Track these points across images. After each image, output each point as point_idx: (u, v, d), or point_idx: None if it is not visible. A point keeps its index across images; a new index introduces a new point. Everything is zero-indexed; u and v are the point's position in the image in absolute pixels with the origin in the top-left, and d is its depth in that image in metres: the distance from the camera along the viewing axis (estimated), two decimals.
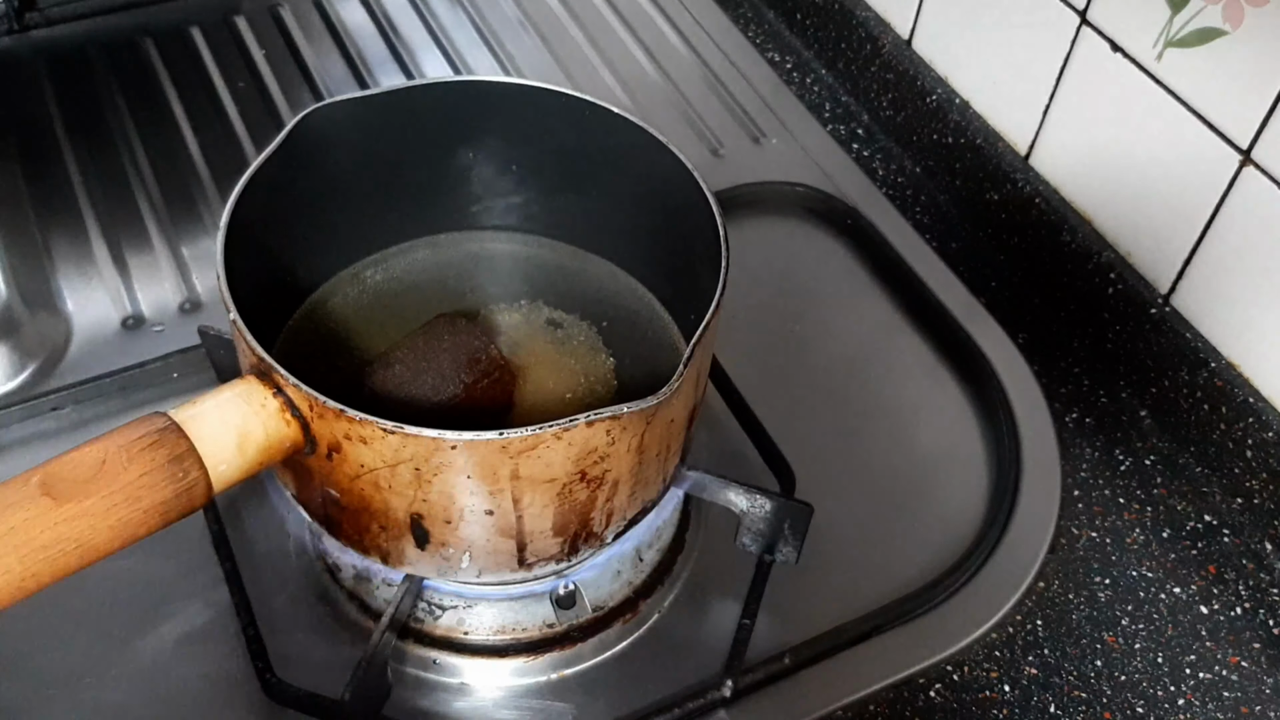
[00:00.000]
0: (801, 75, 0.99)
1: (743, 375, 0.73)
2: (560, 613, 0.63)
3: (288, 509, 0.66)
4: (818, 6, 0.98)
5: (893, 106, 0.93)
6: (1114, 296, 0.78)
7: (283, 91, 0.92)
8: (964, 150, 0.87)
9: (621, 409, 0.49)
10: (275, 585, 0.64)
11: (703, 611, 0.65)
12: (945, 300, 0.81)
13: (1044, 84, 0.80)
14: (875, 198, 0.88)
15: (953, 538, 0.70)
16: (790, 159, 0.90)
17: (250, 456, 0.49)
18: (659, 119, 0.92)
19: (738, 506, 0.63)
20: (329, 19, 0.99)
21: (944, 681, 0.63)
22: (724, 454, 0.70)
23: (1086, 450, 0.75)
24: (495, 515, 0.53)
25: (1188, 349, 0.73)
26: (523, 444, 0.49)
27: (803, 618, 0.65)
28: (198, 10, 0.98)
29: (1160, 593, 0.68)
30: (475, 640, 0.62)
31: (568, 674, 0.62)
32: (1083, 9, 0.75)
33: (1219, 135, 0.69)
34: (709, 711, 0.61)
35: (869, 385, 0.77)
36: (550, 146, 0.65)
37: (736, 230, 0.75)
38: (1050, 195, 0.82)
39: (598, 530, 0.57)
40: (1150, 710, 0.63)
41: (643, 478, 0.56)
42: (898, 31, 0.93)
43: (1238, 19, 0.65)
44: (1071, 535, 0.70)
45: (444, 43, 0.97)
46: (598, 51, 0.98)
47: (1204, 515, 0.72)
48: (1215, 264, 0.72)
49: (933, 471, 0.73)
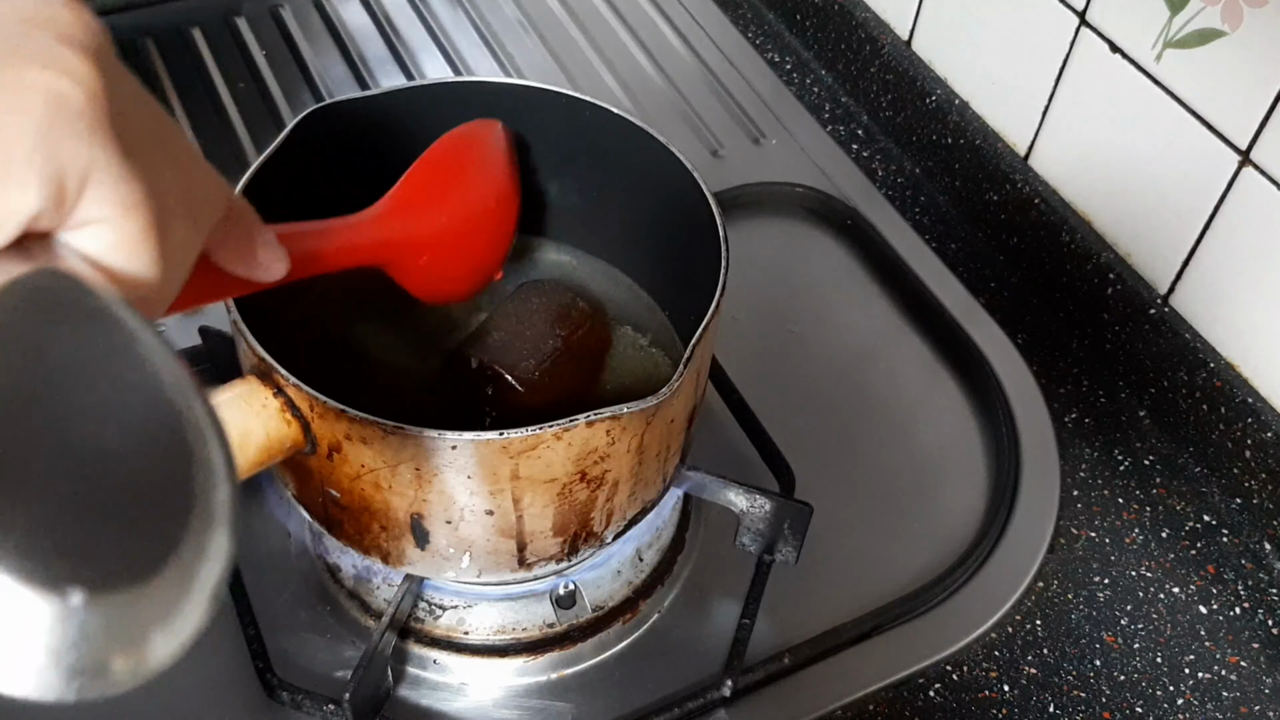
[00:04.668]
0: (801, 76, 0.99)
1: (743, 375, 0.73)
2: (560, 613, 0.63)
3: (288, 509, 0.66)
4: (818, 7, 0.98)
5: (892, 107, 0.93)
6: (1113, 297, 0.78)
7: (283, 91, 0.92)
8: (963, 151, 0.87)
9: (621, 409, 0.49)
10: (275, 585, 0.64)
11: (702, 611, 0.65)
12: (944, 300, 0.81)
13: (1043, 84, 0.80)
14: (875, 198, 0.88)
15: (952, 538, 0.70)
16: (790, 159, 0.90)
17: (250, 456, 0.49)
18: (659, 119, 0.92)
19: (737, 506, 0.63)
20: (329, 19, 0.99)
21: (943, 681, 0.63)
22: (724, 454, 0.70)
23: (1085, 450, 0.75)
24: (495, 515, 0.53)
25: (1187, 349, 0.73)
26: (523, 444, 0.49)
27: (802, 617, 0.65)
28: (198, 10, 0.98)
29: (1159, 593, 0.68)
30: (475, 640, 0.62)
31: (567, 674, 0.62)
32: (1082, 10, 0.75)
33: (1218, 136, 0.69)
34: (709, 711, 0.61)
35: (869, 385, 0.77)
36: (550, 147, 0.65)
37: (736, 230, 0.75)
38: (1049, 196, 0.82)
39: (598, 530, 0.57)
40: (1149, 710, 0.63)
41: (643, 478, 0.56)
42: (897, 32, 0.93)
43: (1237, 20, 0.65)
44: (1070, 535, 0.70)
45: (444, 43, 0.97)
46: (598, 52, 0.98)
47: (1203, 515, 0.72)
48: (1214, 264, 0.72)
49: (932, 471, 0.73)
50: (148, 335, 0.27)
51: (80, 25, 0.28)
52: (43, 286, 0.26)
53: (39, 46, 0.26)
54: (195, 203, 0.31)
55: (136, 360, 0.26)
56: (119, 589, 0.24)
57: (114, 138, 0.27)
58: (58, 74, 0.26)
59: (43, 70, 0.26)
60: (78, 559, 0.24)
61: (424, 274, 0.57)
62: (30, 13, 0.27)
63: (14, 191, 0.25)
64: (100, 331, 0.26)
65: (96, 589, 0.24)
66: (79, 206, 0.26)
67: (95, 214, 0.27)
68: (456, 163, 0.59)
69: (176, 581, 0.25)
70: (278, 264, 0.39)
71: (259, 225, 0.38)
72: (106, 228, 0.27)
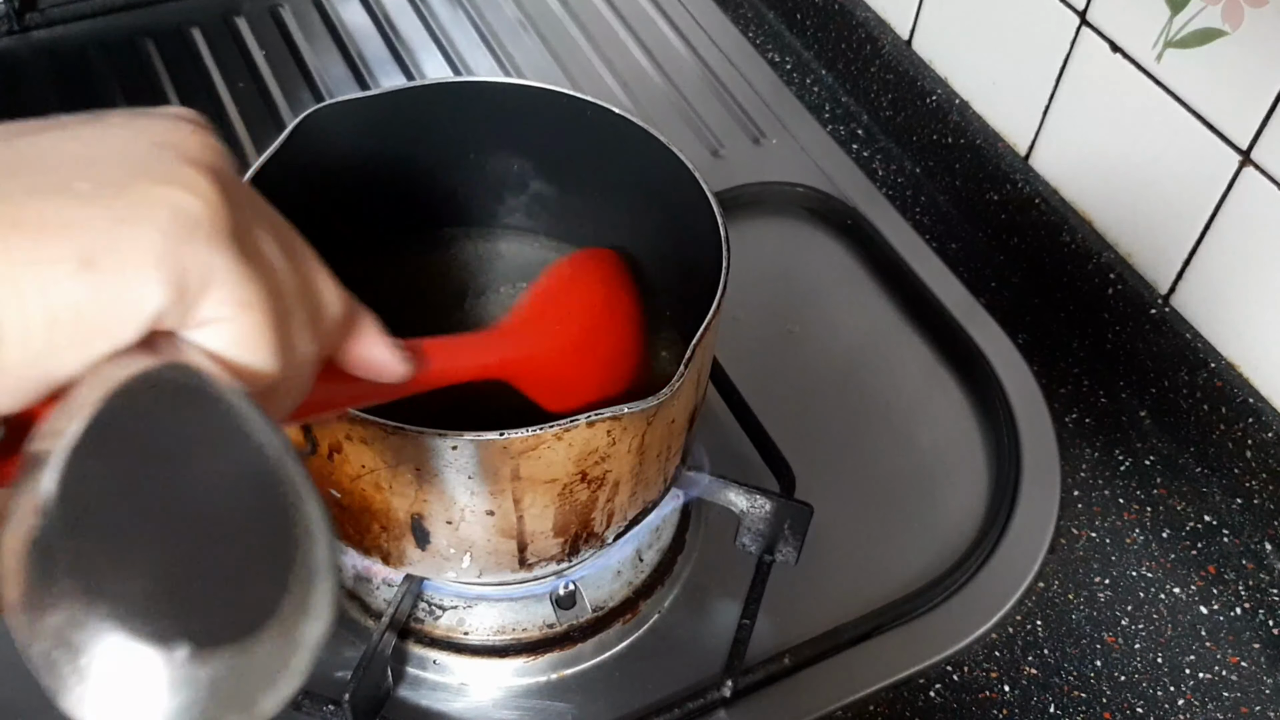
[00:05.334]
0: (801, 76, 0.99)
1: (743, 375, 0.73)
2: (560, 613, 0.63)
3: None
4: (818, 7, 0.98)
5: (893, 107, 0.93)
6: (1114, 297, 0.78)
7: (283, 91, 0.92)
8: (964, 150, 0.87)
9: (622, 409, 0.49)
10: None
11: (702, 612, 0.65)
12: (945, 301, 0.81)
13: (1044, 84, 0.80)
14: (875, 198, 0.88)
15: (952, 538, 0.70)
16: (790, 159, 0.90)
17: None
18: (659, 119, 0.92)
19: (738, 506, 0.63)
20: (329, 19, 0.99)
21: (944, 681, 0.63)
22: (724, 454, 0.70)
23: (1086, 450, 0.75)
24: (496, 516, 0.53)
25: (1188, 349, 0.73)
26: (523, 444, 0.49)
27: (803, 618, 0.65)
28: (198, 10, 0.98)
29: (1160, 593, 0.68)
30: (475, 640, 0.62)
31: (567, 674, 0.62)
32: (1082, 9, 0.75)
33: (1219, 136, 0.69)
34: (709, 711, 0.61)
35: (869, 385, 0.77)
36: (550, 147, 0.65)
37: (736, 230, 0.75)
38: (1050, 195, 0.82)
39: (598, 531, 0.57)
40: (1150, 710, 0.63)
41: (643, 478, 0.56)
42: (897, 32, 0.93)
43: (1237, 20, 0.65)
44: (1071, 535, 0.70)
45: (444, 43, 0.97)
46: (598, 51, 0.98)
47: (1204, 515, 0.72)
48: (1215, 264, 0.72)
49: (932, 472, 0.73)
50: (251, 411, 0.30)
51: (204, 148, 0.32)
52: (165, 377, 0.29)
53: (167, 166, 0.30)
54: (314, 304, 0.34)
55: (242, 434, 0.29)
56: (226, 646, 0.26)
57: (233, 244, 0.30)
58: (182, 189, 0.29)
59: (168, 186, 0.29)
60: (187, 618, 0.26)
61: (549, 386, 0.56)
62: (160, 138, 0.31)
63: (142, 292, 0.28)
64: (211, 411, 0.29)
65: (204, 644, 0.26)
66: (200, 306, 0.29)
67: (216, 313, 0.30)
68: (575, 281, 0.60)
69: (280, 639, 0.27)
70: (401, 365, 0.41)
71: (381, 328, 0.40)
72: (226, 325, 0.30)
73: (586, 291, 0.60)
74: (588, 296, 0.59)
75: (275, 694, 0.27)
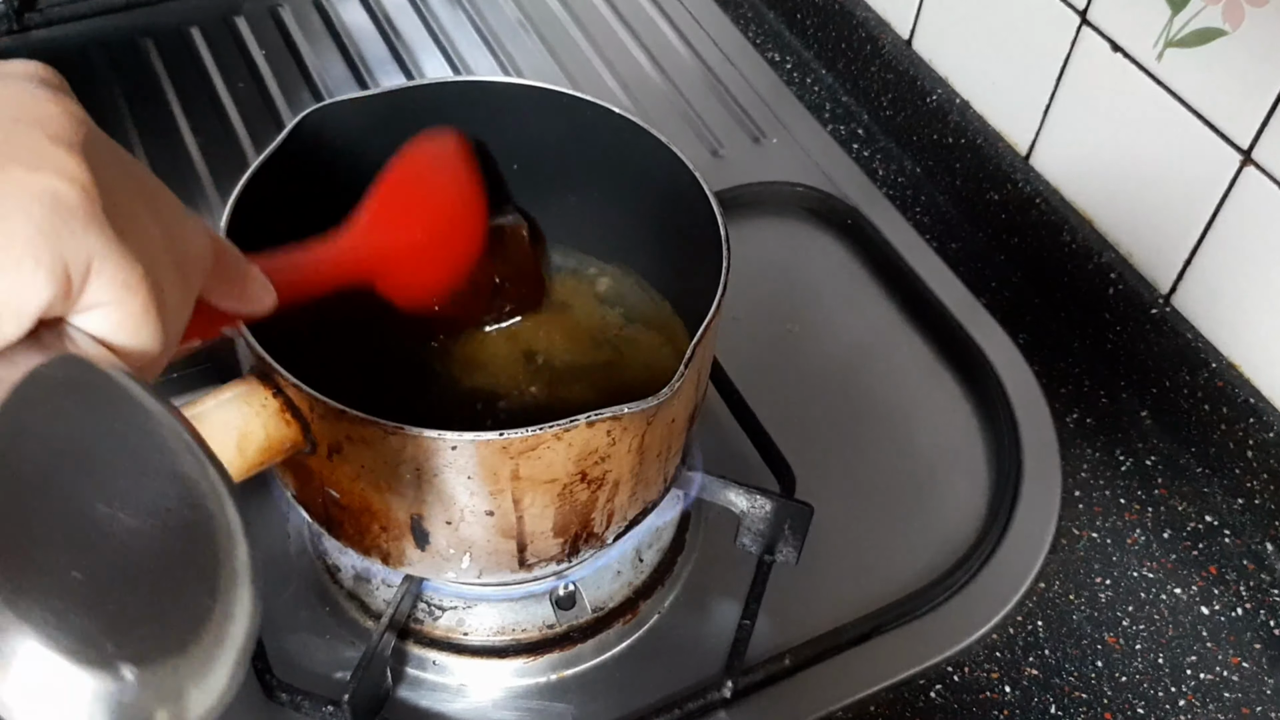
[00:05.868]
0: (801, 75, 0.99)
1: (743, 375, 0.73)
2: (560, 613, 0.63)
3: (288, 509, 0.66)
4: (818, 7, 0.98)
5: (893, 107, 0.93)
6: (1114, 297, 0.77)
7: (283, 91, 0.92)
8: (964, 150, 0.87)
9: (622, 409, 0.49)
10: (275, 585, 0.64)
11: (702, 612, 0.65)
12: (945, 300, 0.81)
13: (1044, 84, 0.80)
14: (875, 198, 0.88)
15: (953, 538, 0.70)
16: (790, 159, 0.90)
17: (250, 457, 0.49)
18: (659, 119, 0.92)
19: (738, 506, 0.63)
20: (329, 19, 0.99)
21: (944, 682, 0.63)
22: (724, 454, 0.70)
23: (1087, 451, 0.75)
24: (496, 516, 0.53)
25: (1188, 349, 0.73)
26: (523, 444, 0.49)
27: (803, 618, 0.65)
28: (198, 10, 0.98)
29: (1161, 593, 0.68)
30: (475, 641, 0.62)
31: (567, 675, 0.62)
32: (1083, 9, 0.75)
33: (1219, 135, 0.69)
34: (709, 712, 0.61)
35: (869, 385, 0.77)
36: (550, 147, 0.65)
37: (736, 230, 0.75)
38: (1050, 195, 0.82)
39: (598, 531, 0.57)
40: (1151, 711, 0.63)
41: (643, 478, 0.56)
42: (898, 32, 0.93)
43: (1238, 19, 0.65)
44: (1072, 536, 0.70)
45: (444, 43, 0.97)
46: (598, 52, 0.98)
47: (1205, 516, 0.72)
48: (1216, 264, 0.72)
49: (933, 472, 0.73)
50: (157, 407, 0.29)
51: (67, 119, 0.30)
52: (58, 376, 0.28)
53: (32, 148, 0.29)
54: (186, 260, 0.34)
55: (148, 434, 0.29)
56: (164, 657, 0.26)
57: (108, 225, 0.29)
58: (51, 174, 0.29)
59: (38, 173, 0.29)
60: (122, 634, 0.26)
61: (405, 284, 0.58)
62: (19, 111, 0.30)
63: (25, 288, 0.28)
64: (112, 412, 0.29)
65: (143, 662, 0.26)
66: (84, 293, 0.29)
67: (100, 298, 0.30)
68: (420, 173, 0.60)
69: (211, 643, 0.27)
70: (267, 296, 0.42)
71: (244, 263, 0.41)
72: (111, 309, 0.30)
73: (431, 182, 0.60)
74: (433, 188, 0.60)
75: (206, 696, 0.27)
